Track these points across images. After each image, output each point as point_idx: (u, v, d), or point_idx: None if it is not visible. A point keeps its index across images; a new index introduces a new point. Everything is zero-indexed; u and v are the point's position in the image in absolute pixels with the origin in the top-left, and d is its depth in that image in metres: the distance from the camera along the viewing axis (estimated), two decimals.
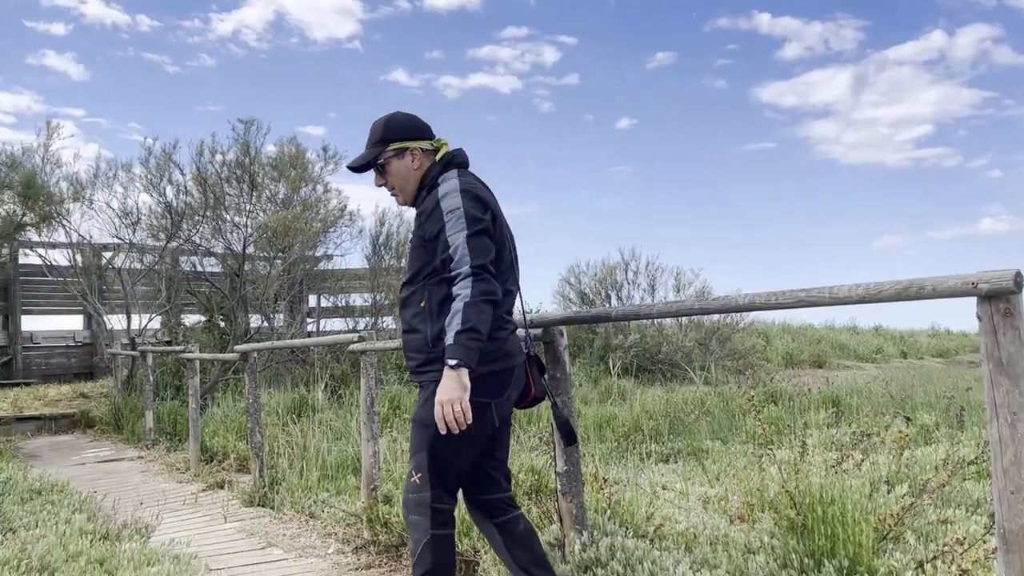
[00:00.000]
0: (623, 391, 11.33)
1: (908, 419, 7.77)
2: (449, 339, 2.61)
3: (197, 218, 12.29)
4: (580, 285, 18.36)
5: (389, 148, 3.00)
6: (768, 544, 3.30)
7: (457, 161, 3.02)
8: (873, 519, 3.22)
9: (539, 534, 3.24)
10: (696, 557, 3.33)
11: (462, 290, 2.65)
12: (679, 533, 3.71)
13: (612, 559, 3.16)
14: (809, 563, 3.05)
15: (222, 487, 6.73)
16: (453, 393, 2.58)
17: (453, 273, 2.70)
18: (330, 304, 15.81)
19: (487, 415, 2.80)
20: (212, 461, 7.73)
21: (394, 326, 15.06)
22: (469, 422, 2.62)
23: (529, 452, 6.36)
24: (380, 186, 3.07)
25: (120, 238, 12.42)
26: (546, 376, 3.27)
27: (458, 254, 2.70)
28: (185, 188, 12.07)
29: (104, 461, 8.67)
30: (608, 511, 3.68)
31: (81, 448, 9.76)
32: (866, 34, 28.64)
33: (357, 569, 4.38)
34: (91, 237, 12.72)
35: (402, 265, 15.29)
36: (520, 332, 3.07)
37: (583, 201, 30.08)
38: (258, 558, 4.60)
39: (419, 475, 2.83)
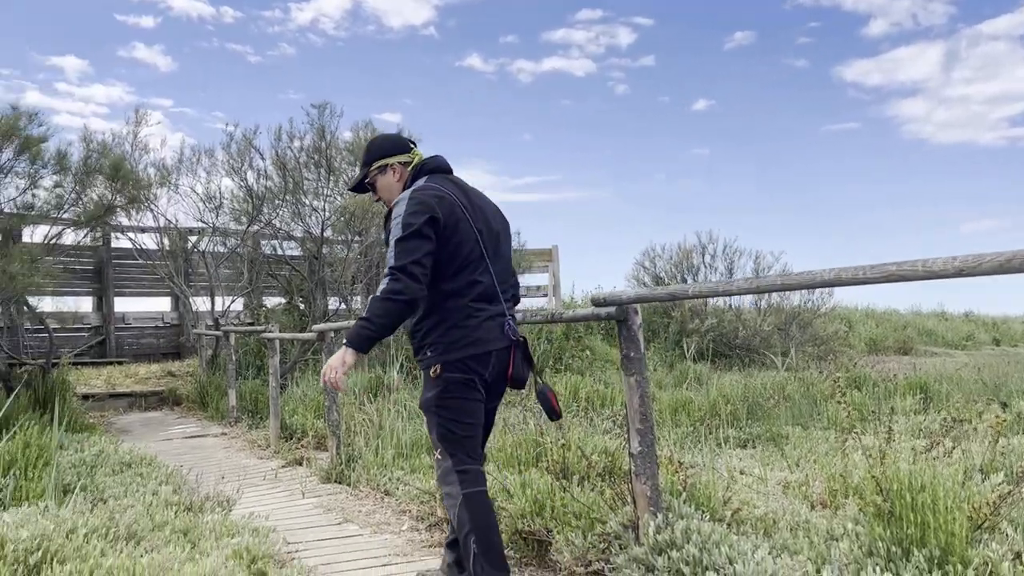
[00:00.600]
0: (699, 376, 11.13)
1: (1004, 405, 7.42)
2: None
3: (277, 202, 12.54)
4: (655, 268, 18.10)
5: (373, 167, 3.46)
6: (852, 531, 3.18)
7: (428, 168, 3.41)
8: (967, 507, 3.06)
9: (614, 515, 3.26)
10: (775, 543, 3.23)
11: (380, 285, 3.07)
12: (757, 518, 3.61)
13: (687, 542, 3.09)
14: (896, 551, 2.92)
15: (301, 464, 6.87)
16: (335, 362, 3.07)
17: (384, 271, 3.11)
18: None
19: (473, 385, 3.20)
20: (291, 438, 7.91)
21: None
22: (343, 389, 3.24)
23: (602, 435, 6.30)
24: (377, 202, 3.54)
25: (204, 222, 12.79)
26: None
27: (388, 256, 3.13)
28: (265, 172, 12.33)
29: (190, 437, 8.96)
30: (683, 494, 3.60)
31: (169, 424, 10.12)
32: (957, 8, 27.38)
33: (431, 546, 4.40)
34: (177, 221, 13.15)
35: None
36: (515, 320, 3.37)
37: (658, 185, 29.67)
38: (334, 533, 4.67)
39: (439, 451, 3.22)
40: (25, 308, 10.61)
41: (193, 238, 13.79)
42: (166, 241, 13.43)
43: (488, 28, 29.36)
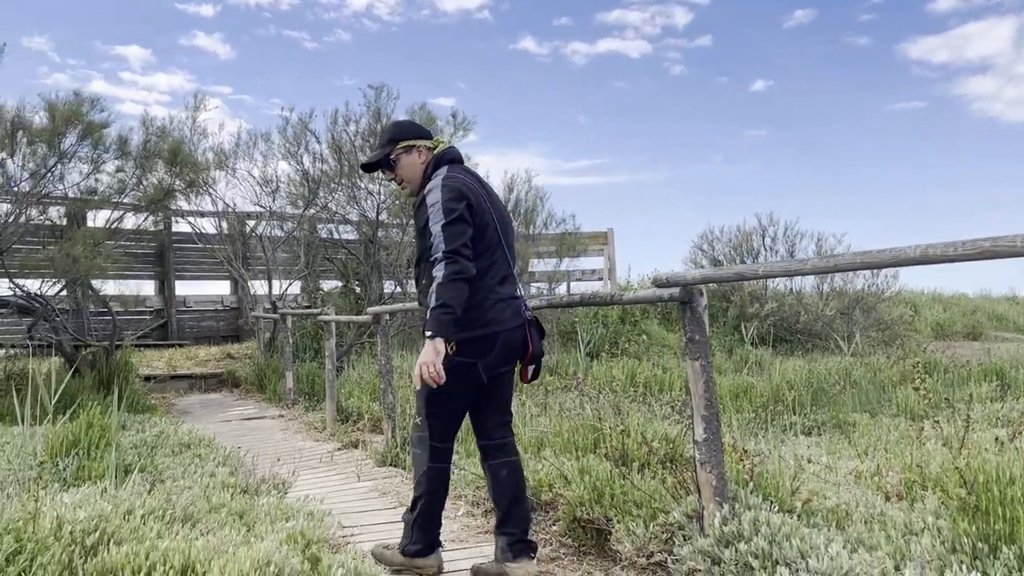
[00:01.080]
0: (760, 361, 10.86)
1: None
2: (428, 314, 3.21)
3: (333, 185, 12.58)
4: (713, 251, 17.74)
5: (399, 146, 3.57)
6: (933, 525, 2.99)
7: (448, 157, 3.60)
8: None
9: (677, 505, 3.16)
10: (849, 536, 3.05)
11: (437, 272, 3.22)
12: (828, 509, 3.43)
13: (756, 534, 2.94)
14: (983, 548, 2.73)
15: (356, 446, 6.86)
16: (428, 357, 3.17)
17: (433, 258, 3.27)
18: None
19: (473, 372, 3.41)
20: (347, 421, 7.92)
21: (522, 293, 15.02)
22: (442, 381, 3.18)
23: (661, 420, 6.15)
24: (390, 180, 3.70)
25: (261, 206, 12.90)
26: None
27: (436, 242, 3.27)
28: (321, 156, 12.37)
29: (248, 419, 9.05)
30: (750, 483, 3.45)
31: (228, 406, 10.25)
32: None
33: (486, 532, 4.32)
34: (235, 205, 13.29)
35: (530, 232, 15.22)
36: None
37: (714, 168, 29.10)
38: (389, 517, 4.62)
39: (419, 418, 3.56)
40: (89, 291, 10.83)
41: (251, 222, 13.93)
42: (224, 225, 13.59)
43: (542, 11, 29.07)
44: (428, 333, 3.19)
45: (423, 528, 3.60)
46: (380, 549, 3.79)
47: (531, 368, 3.58)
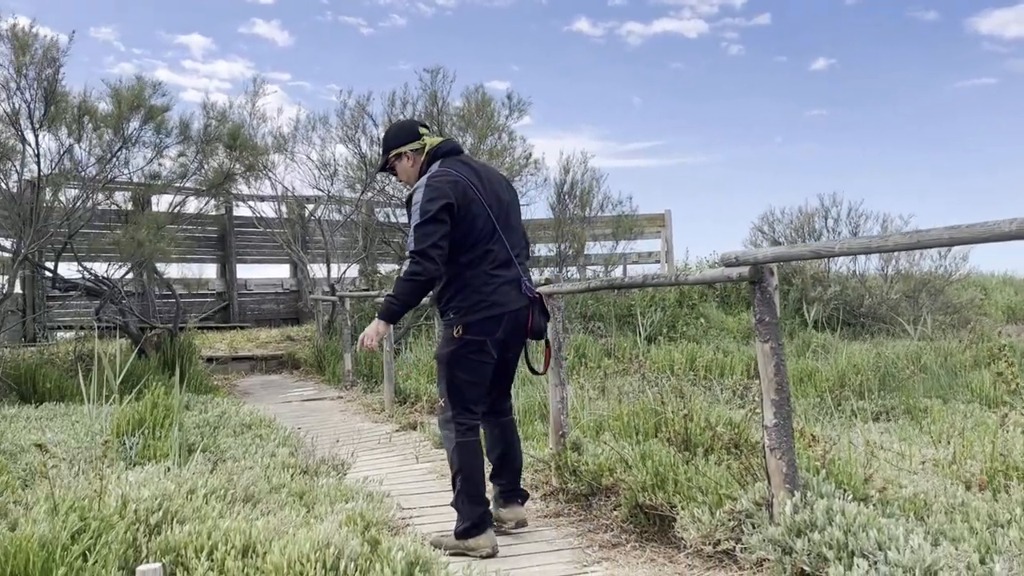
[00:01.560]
0: (823, 344, 10.57)
1: None
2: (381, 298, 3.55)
3: None
4: (774, 233, 17.33)
5: (391, 154, 3.90)
6: (1021, 517, 2.83)
7: (441, 152, 3.80)
8: None
9: (744, 492, 3.06)
10: (930, 527, 2.90)
11: (403, 267, 3.62)
12: (906, 499, 3.28)
13: (830, 524, 2.81)
14: None
15: (414, 428, 6.86)
16: (370, 332, 3.70)
17: (405, 254, 3.62)
18: None
19: (485, 348, 3.69)
20: (405, 403, 7.93)
21: (578, 276, 14.92)
22: (374, 350, 3.84)
23: (724, 405, 6.01)
24: (400, 182, 4.09)
25: (319, 189, 13.00)
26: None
27: (408, 241, 3.63)
28: (378, 139, 12.38)
29: (307, 400, 9.15)
30: (821, 471, 3.31)
31: (288, 387, 10.38)
32: None
33: (545, 516, 4.26)
34: (294, 189, 13.42)
35: (585, 214, 15.06)
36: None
37: (774, 149, 28.45)
38: (447, 499, 4.57)
39: (443, 400, 3.76)
40: (154, 274, 11.05)
41: (310, 206, 14.06)
42: (284, 209, 13.74)
43: None
44: (377, 315, 3.72)
45: (467, 506, 3.69)
46: (438, 537, 3.78)
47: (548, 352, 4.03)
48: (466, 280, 3.64)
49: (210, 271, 15.80)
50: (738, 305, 14.70)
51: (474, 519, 3.66)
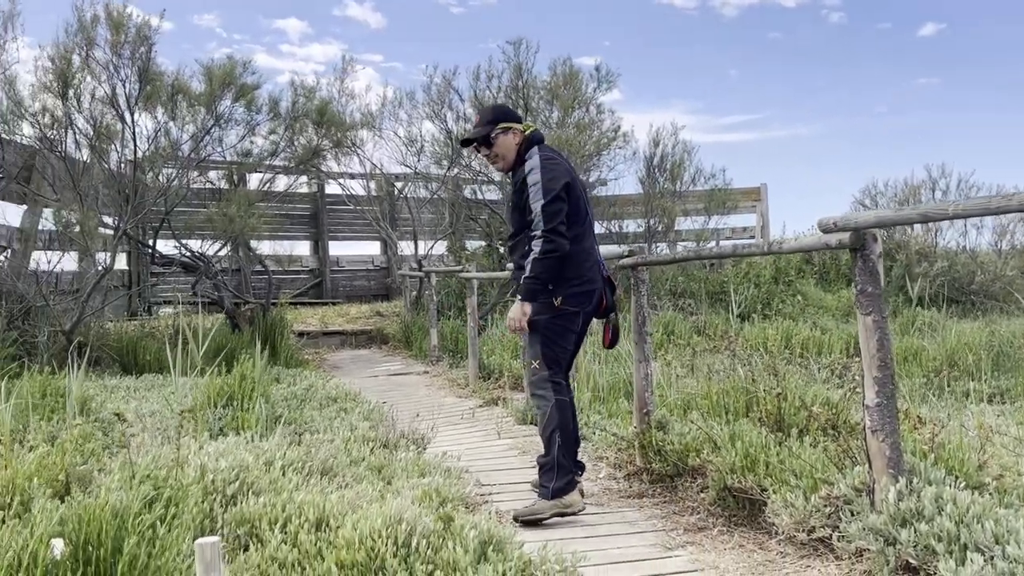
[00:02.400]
0: (930, 323, 9.98)
1: None
2: (521, 280, 3.80)
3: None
4: (876, 207, 16.55)
5: (499, 126, 3.94)
6: None
7: (537, 139, 3.98)
8: None
9: (842, 476, 2.86)
10: None
11: (535, 247, 3.73)
12: None
13: (939, 513, 2.56)
14: None
15: (497, 403, 6.78)
16: (515, 314, 3.84)
17: (533, 232, 3.75)
18: (603, 230, 15.62)
19: (575, 320, 3.90)
20: (489, 378, 7.87)
21: (667, 251, 14.57)
22: (524, 331, 3.86)
23: (821, 385, 5.69)
24: (485, 155, 4.03)
25: (407, 165, 13.03)
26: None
27: (536, 219, 3.74)
28: (464, 115, 12.31)
29: (394, 375, 9.19)
30: (930, 455, 3.04)
31: (376, 362, 10.47)
32: None
33: (628, 496, 4.10)
34: (382, 166, 13.49)
35: (676, 188, 14.64)
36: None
37: (878, 119, 27.09)
38: (527, 476, 4.47)
39: (537, 361, 3.87)
40: (248, 251, 11.29)
41: (399, 184, 14.14)
42: (372, 186, 13.85)
43: None
44: (519, 297, 3.82)
45: (564, 463, 3.76)
46: (522, 509, 3.73)
47: (611, 329, 4.07)
48: (570, 256, 3.79)
49: (303, 248, 16.11)
50: (838, 282, 14.09)
51: (569, 478, 3.75)
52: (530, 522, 3.65)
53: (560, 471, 3.74)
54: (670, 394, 5.33)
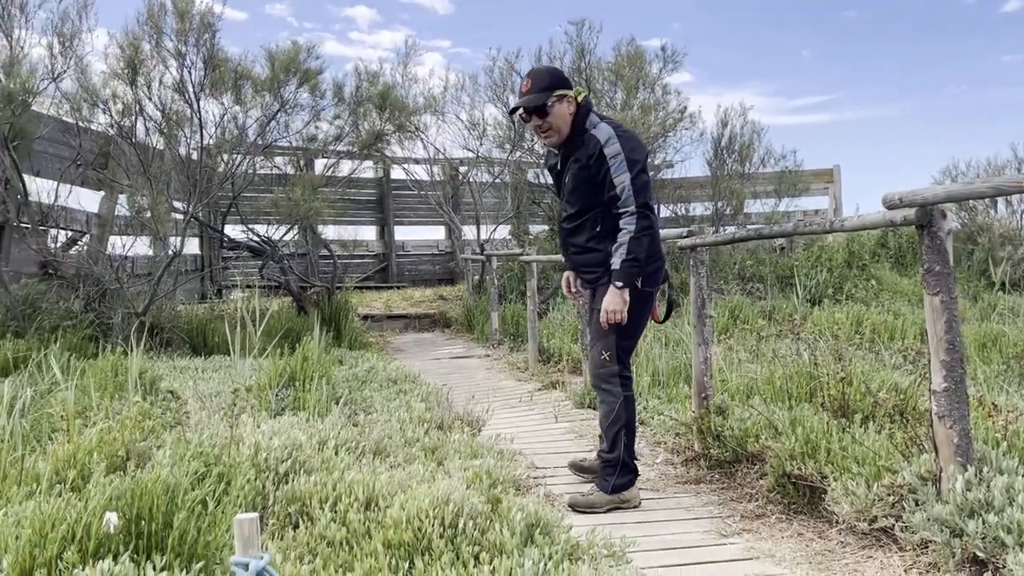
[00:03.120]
0: (1013, 308, 9.54)
1: None
2: (616, 265, 3.47)
3: None
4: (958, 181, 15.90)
5: (555, 94, 3.58)
6: None
7: (589, 107, 3.66)
8: None
9: (907, 464, 2.75)
10: None
11: (627, 225, 3.46)
12: None
13: (1010, 504, 2.42)
14: None
15: (556, 387, 6.74)
16: (617, 305, 3.49)
17: (621, 209, 3.47)
18: (668, 213, 15.39)
19: (652, 300, 3.69)
20: (548, 362, 7.82)
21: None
22: (624, 323, 3.53)
23: (891, 371, 5.48)
24: (537, 126, 3.65)
25: (469, 149, 13.03)
26: (927, 270, 2.65)
27: (624, 194, 3.46)
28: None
29: (455, 357, 9.23)
30: (1002, 444, 2.88)
31: (439, 345, 10.53)
32: None
33: (685, 482, 4.01)
34: (445, 151, 13.52)
35: (744, 170, 14.31)
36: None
37: (959, 98, 25.99)
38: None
39: (608, 353, 3.61)
40: (313, 235, 11.46)
41: (462, 168, 14.16)
42: (436, 171, 13.90)
43: None
44: (619, 284, 3.47)
45: (628, 462, 3.66)
46: (579, 497, 3.66)
47: (665, 303, 3.93)
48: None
49: (369, 233, 16.30)
50: (915, 266, 13.60)
51: (632, 474, 3.67)
52: (584, 513, 3.58)
53: (624, 469, 3.64)
54: (732, 379, 5.20)
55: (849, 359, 4.58)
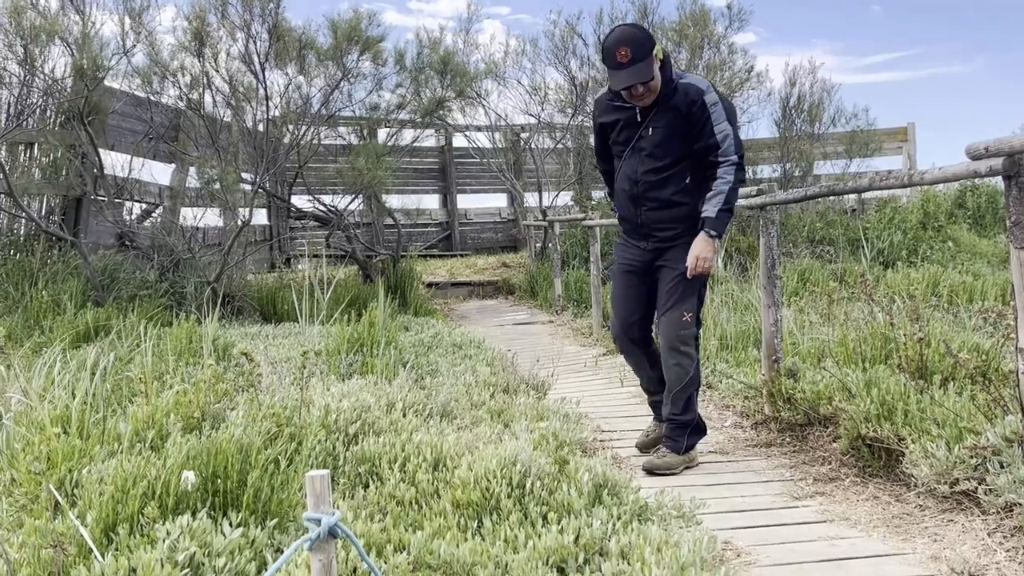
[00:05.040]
0: None
1: None
2: (711, 213, 3.43)
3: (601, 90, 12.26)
4: None
5: (656, 56, 3.43)
6: None
7: (669, 58, 3.57)
8: None
9: (990, 425, 2.67)
10: None
11: (727, 174, 3.42)
12: None
13: None
14: None
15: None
16: (709, 254, 3.44)
17: (721, 159, 3.43)
18: None
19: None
20: None
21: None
22: (709, 274, 3.57)
23: (971, 332, 5.29)
24: (640, 93, 3.43)
25: (531, 114, 12.93)
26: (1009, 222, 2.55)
27: (726, 143, 3.42)
28: (588, 60, 12.06)
29: (519, 324, 9.25)
30: None
31: (502, 311, 10.57)
32: None
33: (756, 446, 3.95)
34: (507, 117, 13.45)
35: (814, 130, 13.89)
36: None
37: None
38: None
39: (690, 315, 3.55)
40: (378, 203, 11.56)
41: (524, 135, 14.08)
42: (498, 137, 13.85)
43: None
44: (713, 232, 3.43)
45: (701, 423, 3.73)
46: (656, 460, 3.60)
47: None
48: None
49: (432, 202, 16.38)
50: (995, 227, 13.07)
51: (703, 432, 3.74)
52: (663, 475, 3.54)
53: (695, 429, 3.67)
54: (803, 342, 5.08)
55: (927, 319, 4.43)
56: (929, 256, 11.13)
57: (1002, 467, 2.62)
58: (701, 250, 3.43)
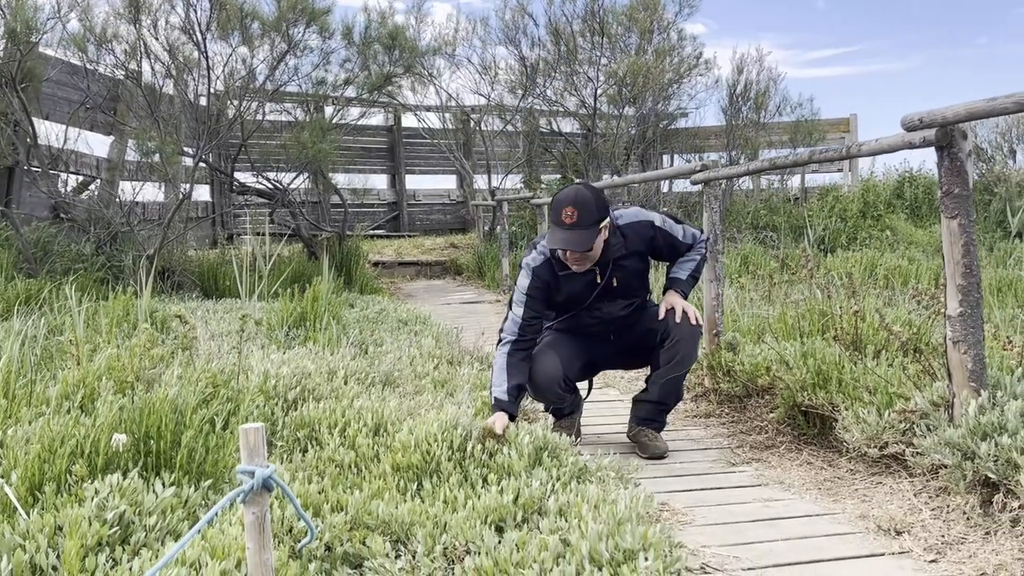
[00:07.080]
0: None
1: None
2: (682, 276, 3.56)
3: (552, 74, 12.26)
4: (976, 139, 15.64)
5: (601, 227, 3.26)
6: None
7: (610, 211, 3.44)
8: None
9: (919, 391, 2.71)
10: None
11: (701, 250, 3.61)
12: None
13: None
14: None
15: None
16: (692, 308, 3.48)
17: (697, 243, 3.60)
18: (682, 163, 15.24)
19: None
20: None
21: (750, 186, 14.15)
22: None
23: (905, 310, 5.43)
24: (576, 258, 3.27)
25: (481, 94, 12.88)
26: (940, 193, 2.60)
27: (692, 238, 3.57)
28: (539, 40, 12.04)
29: (466, 303, 9.23)
30: (1019, 370, 2.84)
31: (449, 291, 10.53)
32: None
33: (695, 416, 4.01)
34: (459, 97, 13.38)
35: (760, 119, 14.09)
36: None
37: (978, 51, 25.42)
38: (596, 397, 4.41)
39: (701, 323, 3.56)
40: (323, 179, 11.39)
41: (474, 116, 14.01)
42: (448, 118, 13.76)
43: None
44: (682, 293, 3.53)
45: None
46: (660, 445, 3.44)
47: None
48: None
49: (380, 182, 16.19)
50: (930, 217, 13.45)
51: None
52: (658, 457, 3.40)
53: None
54: (744, 319, 5.17)
55: (863, 296, 4.53)
56: (868, 243, 11.41)
57: (929, 430, 2.70)
58: (686, 306, 3.44)
